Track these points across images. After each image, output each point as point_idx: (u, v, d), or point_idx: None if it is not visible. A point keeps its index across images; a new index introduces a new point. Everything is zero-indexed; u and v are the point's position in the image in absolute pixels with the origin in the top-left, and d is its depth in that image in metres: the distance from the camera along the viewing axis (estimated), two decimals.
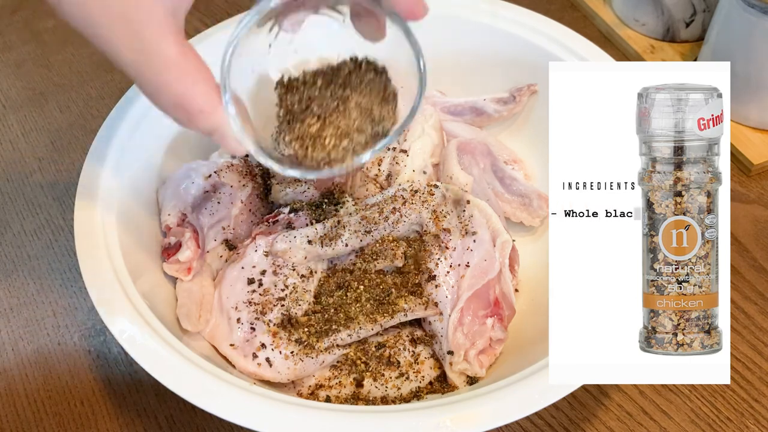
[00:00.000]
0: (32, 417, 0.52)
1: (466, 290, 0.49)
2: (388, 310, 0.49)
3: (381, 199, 0.53)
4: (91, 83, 0.75)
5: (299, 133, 0.39)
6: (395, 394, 0.49)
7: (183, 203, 0.54)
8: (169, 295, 0.51)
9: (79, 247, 0.48)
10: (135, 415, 0.52)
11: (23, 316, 0.58)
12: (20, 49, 0.79)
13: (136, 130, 0.54)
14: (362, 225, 0.51)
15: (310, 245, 0.51)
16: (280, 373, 0.47)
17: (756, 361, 0.54)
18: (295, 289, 0.50)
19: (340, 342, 0.48)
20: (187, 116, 0.35)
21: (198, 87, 0.34)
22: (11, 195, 0.66)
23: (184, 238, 0.52)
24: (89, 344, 0.56)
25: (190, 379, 0.42)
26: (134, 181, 0.53)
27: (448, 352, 0.49)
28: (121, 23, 0.33)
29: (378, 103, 0.40)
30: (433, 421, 0.41)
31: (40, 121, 0.72)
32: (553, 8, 0.81)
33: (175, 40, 0.34)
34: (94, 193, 0.50)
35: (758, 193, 0.64)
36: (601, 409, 0.52)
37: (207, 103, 0.34)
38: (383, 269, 0.51)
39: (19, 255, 0.62)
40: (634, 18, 0.77)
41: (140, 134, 0.55)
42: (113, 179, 0.52)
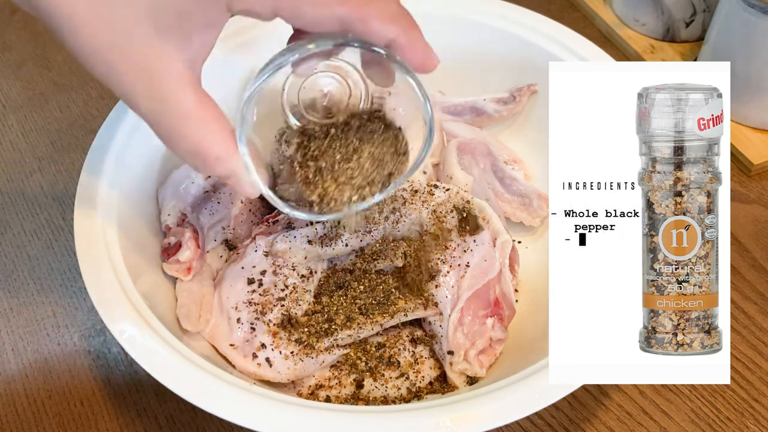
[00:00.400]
0: (32, 417, 0.52)
1: (466, 290, 0.49)
2: (388, 310, 0.49)
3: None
4: (91, 83, 0.75)
5: (312, 179, 0.41)
6: (395, 394, 0.49)
7: (183, 203, 0.54)
8: (169, 295, 0.51)
9: (79, 247, 0.48)
10: (135, 415, 0.52)
11: (23, 316, 0.58)
12: (20, 49, 0.79)
13: (136, 130, 0.54)
14: (362, 225, 0.51)
15: (310, 245, 0.51)
16: (280, 373, 0.47)
17: (756, 361, 0.54)
18: (295, 289, 0.50)
19: (340, 342, 0.48)
20: (204, 163, 0.37)
21: (214, 136, 0.36)
22: (11, 195, 0.66)
23: (184, 238, 0.52)
24: (89, 344, 0.56)
25: (190, 379, 0.42)
26: (134, 181, 0.53)
27: (448, 352, 0.49)
28: (142, 74, 0.34)
29: (391, 154, 0.42)
30: (433, 421, 0.41)
31: (40, 121, 0.72)
32: (553, 8, 0.81)
33: (193, 90, 0.35)
34: (94, 193, 0.50)
35: (758, 193, 0.64)
36: (601, 409, 0.52)
37: (223, 150, 0.36)
38: (383, 269, 0.51)
39: (19, 255, 0.62)
40: (634, 18, 0.77)
41: (140, 134, 0.55)
42: (113, 179, 0.52)
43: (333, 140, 0.41)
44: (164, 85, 0.34)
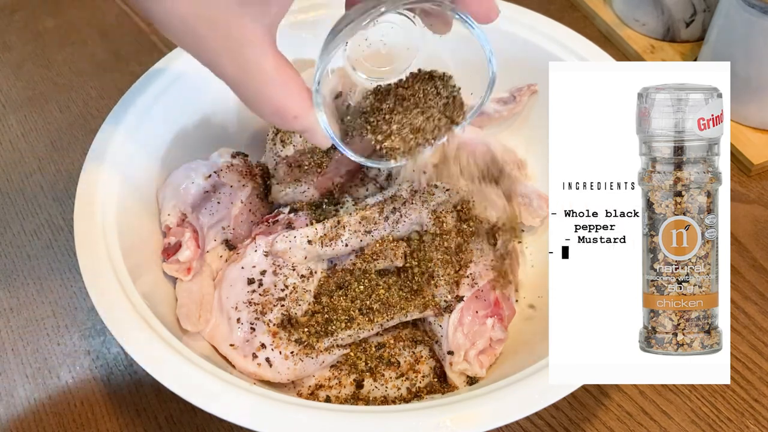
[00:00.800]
0: (32, 417, 0.52)
1: (466, 290, 0.49)
2: (388, 311, 0.49)
3: (381, 199, 0.53)
4: (91, 83, 0.75)
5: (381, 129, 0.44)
6: (395, 394, 0.49)
7: (183, 203, 0.54)
8: (169, 295, 0.51)
9: (79, 247, 0.48)
10: (135, 415, 0.52)
11: (23, 316, 0.58)
12: (20, 49, 0.79)
13: (136, 130, 0.54)
14: (362, 225, 0.51)
15: (310, 245, 0.51)
16: (280, 373, 0.47)
17: (756, 361, 0.54)
18: (295, 289, 0.50)
19: (340, 342, 0.48)
20: (283, 121, 0.40)
21: (293, 97, 0.39)
22: (11, 195, 0.66)
23: (184, 238, 0.52)
24: (89, 344, 0.56)
25: (190, 380, 0.42)
26: (134, 181, 0.53)
27: (448, 352, 0.49)
28: (226, 44, 0.37)
29: (450, 103, 0.46)
30: (433, 421, 0.41)
31: (40, 121, 0.72)
32: (553, 8, 0.81)
33: (273, 55, 0.38)
34: (94, 193, 0.50)
35: (758, 193, 0.64)
36: (601, 409, 0.52)
37: (301, 109, 0.39)
38: (383, 269, 0.51)
39: (19, 255, 0.62)
40: (634, 18, 0.77)
41: (140, 134, 0.55)
42: (113, 179, 0.52)
43: (398, 93, 0.45)
44: (248, 53, 0.37)
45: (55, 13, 0.82)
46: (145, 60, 0.77)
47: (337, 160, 0.56)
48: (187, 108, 0.59)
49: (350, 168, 0.57)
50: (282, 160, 0.56)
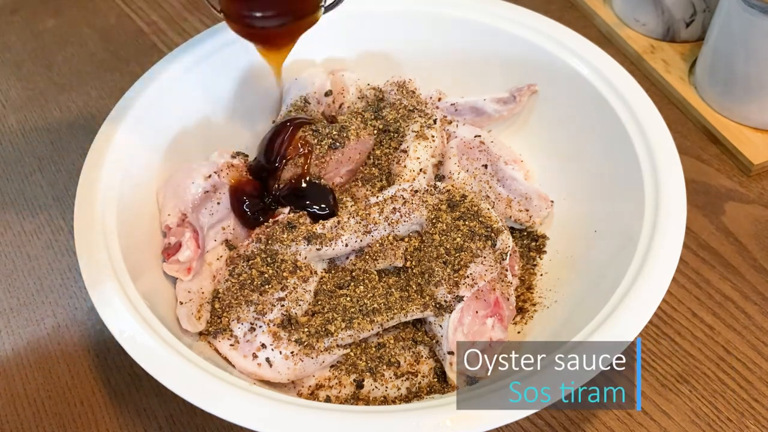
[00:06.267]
0: (32, 417, 0.52)
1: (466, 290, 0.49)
2: (388, 310, 0.49)
3: (381, 199, 0.53)
4: (91, 83, 0.75)
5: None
6: (395, 394, 0.49)
7: (183, 203, 0.54)
8: (169, 295, 0.51)
9: (79, 247, 0.48)
10: (135, 415, 0.52)
11: (23, 316, 0.58)
12: (20, 49, 0.79)
13: (136, 130, 0.54)
14: (362, 225, 0.51)
15: (310, 245, 0.51)
16: (280, 373, 0.47)
17: (756, 361, 0.54)
18: (295, 289, 0.50)
19: (341, 342, 0.48)
20: None
21: None
22: (11, 195, 0.66)
23: (184, 238, 0.52)
24: (89, 344, 0.56)
25: (190, 380, 0.42)
26: (134, 181, 0.53)
27: (448, 352, 0.49)
28: None
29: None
30: (433, 421, 0.41)
31: (40, 121, 0.72)
32: (553, 8, 0.81)
33: None
34: (94, 193, 0.50)
35: (758, 193, 0.64)
36: (601, 409, 0.52)
37: None
38: (383, 269, 0.51)
39: (19, 255, 0.62)
40: (634, 18, 0.77)
41: (140, 134, 0.55)
42: (113, 179, 0.52)
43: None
44: None
45: (55, 13, 0.82)
46: (145, 60, 0.77)
47: (337, 160, 0.56)
48: (187, 108, 0.59)
49: (350, 168, 0.57)
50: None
